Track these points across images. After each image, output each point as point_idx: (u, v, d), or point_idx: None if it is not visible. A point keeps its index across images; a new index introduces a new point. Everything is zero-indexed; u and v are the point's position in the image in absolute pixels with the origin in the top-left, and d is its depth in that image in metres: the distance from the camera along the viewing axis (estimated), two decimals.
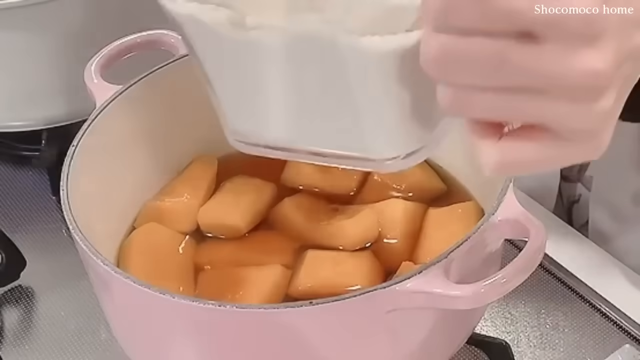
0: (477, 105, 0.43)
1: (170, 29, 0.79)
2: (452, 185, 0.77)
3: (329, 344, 0.59)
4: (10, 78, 0.87)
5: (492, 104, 0.43)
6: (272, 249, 0.72)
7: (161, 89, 0.75)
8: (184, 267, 0.71)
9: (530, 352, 0.74)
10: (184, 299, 0.58)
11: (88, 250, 0.61)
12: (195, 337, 0.60)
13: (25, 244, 0.83)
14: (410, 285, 0.57)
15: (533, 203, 0.86)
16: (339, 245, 0.71)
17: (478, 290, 0.57)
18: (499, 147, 0.44)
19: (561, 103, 0.42)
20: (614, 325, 0.75)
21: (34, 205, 0.90)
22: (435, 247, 0.68)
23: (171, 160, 0.78)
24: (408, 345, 0.61)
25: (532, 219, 0.60)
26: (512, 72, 0.41)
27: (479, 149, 0.45)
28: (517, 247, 0.79)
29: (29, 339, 0.78)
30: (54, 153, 0.90)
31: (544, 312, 0.77)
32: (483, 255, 0.62)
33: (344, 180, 0.77)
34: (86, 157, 0.69)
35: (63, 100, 0.88)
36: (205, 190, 0.76)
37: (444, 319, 0.61)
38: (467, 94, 0.43)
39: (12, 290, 0.82)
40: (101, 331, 0.78)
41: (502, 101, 0.42)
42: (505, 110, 0.43)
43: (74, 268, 0.76)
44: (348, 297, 0.57)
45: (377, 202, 0.74)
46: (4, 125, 0.90)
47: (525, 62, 0.41)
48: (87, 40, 0.80)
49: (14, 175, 0.94)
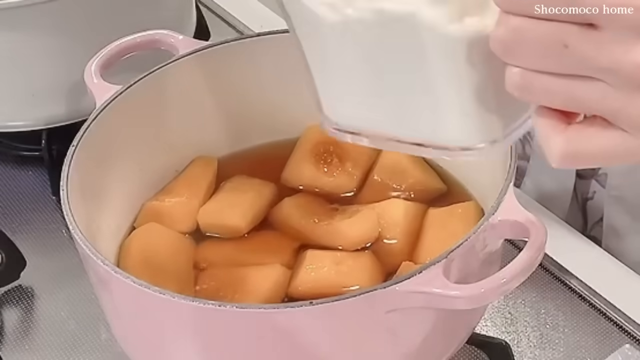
0: (540, 89, 0.45)
1: (170, 28, 0.79)
2: (452, 185, 0.77)
3: (329, 344, 0.59)
4: (10, 78, 0.87)
5: (554, 87, 0.45)
6: (272, 249, 0.72)
7: (161, 89, 0.75)
8: (183, 267, 0.71)
9: (530, 352, 0.74)
10: (184, 299, 0.58)
11: (88, 250, 0.61)
12: (195, 337, 0.60)
13: (25, 244, 0.83)
14: (410, 285, 0.57)
15: (533, 203, 0.86)
16: (339, 245, 0.71)
17: (478, 291, 0.57)
18: (565, 136, 0.46)
19: (618, 94, 0.44)
20: (614, 325, 0.75)
21: (34, 205, 0.90)
22: (435, 247, 0.68)
23: (171, 160, 0.78)
24: (408, 345, 0.61)
25: (532, 219, 0.60)
26: (572, 57, 0.44)
27: (546, 137, 0.47)
28: (517, 247, 0.79)
29: (29, 339, 0.78)
30: (54, 153, 0.90)
31: (544, 312, 0.77)
32: (483, 255, 0.62)
33: (344, 180, 0.77)
34: (86, 157, 0.69)
35: (63, 100, 0.88)
36: (205, 190, 0.76)
37: (444, 319, 0.61)
38: (531, 76, 0.45)
39: (12, 290, 0.82)
40: (101, 331, 0.78)
41: (562, 86, 0.45)
42: (566, 96, 0.45)
43: (74, 268, 0.76)
44: (348, 297, 0.57)
45: (377, 202, 0.74)
46: (4, 125, 0.90)
47: (584, 49, 0.43)
48: (87, 40, 0.80)
49: (14, 175, 0.94)
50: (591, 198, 0.88)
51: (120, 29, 0.78)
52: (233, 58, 0.77)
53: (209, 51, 0.76)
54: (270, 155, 0.80)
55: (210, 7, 1.11)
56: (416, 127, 0.54)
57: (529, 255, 0.58)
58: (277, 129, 0.81)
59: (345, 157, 0.78)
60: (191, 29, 0.97)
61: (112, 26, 0.84)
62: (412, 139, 0.55)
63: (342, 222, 0.72)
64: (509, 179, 0.63)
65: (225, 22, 1.09)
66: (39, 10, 0.82)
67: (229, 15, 1.10)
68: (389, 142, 0.56)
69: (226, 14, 1.10)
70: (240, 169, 0.78)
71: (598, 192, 0.87)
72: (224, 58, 0.77)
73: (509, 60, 0.46)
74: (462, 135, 0.53)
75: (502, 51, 0.46)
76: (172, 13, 0.94)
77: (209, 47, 0.77)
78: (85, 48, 0.77)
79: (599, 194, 0.87)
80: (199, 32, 1.00)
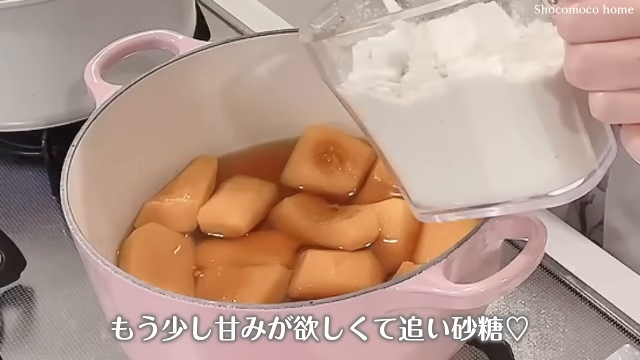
0: (627, 107, 0.46)
1: (170, 28, 0.79)
2: None
3: (329, 344, 0.59)
4: (11, 78, 0.87)
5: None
6: (272, 249, 0.72)
7: (161, 89, 0.75)
8: (183, 267, 0.71)
9: (530, 352, 0.74)
10: (184, 299, 0.58)
11: (88, 250, 0.61)
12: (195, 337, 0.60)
13: (25, 244, 0.83)
14: (410, 285, 0.57)
15: None
16: (339, 245, 0.71)
17: (478, 290, 0.57)
18: None
19: None
20: (614, 325, 0.75)
21: (34, 205, 0.90)
22: (435, 247, 0.68)
23: (171, 160, 0.78)
24: (408, 345, 0.61)
25: (532, 219, 0.60)
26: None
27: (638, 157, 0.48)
28: (517, 247, 0.79)
29: (29, 339, 0.78)
30: (54, 153, 0.90)
31: (544, 312, 0.77)
32: (483, 255, 0.62)
33: (344, 180, 0.77)
34: (86, 157, 0.69)
35: (63, 100, 0.88)
36: (205, 190, 0.76)
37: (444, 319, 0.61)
38: (615, 97, 0.46)
39: (12, 290, 0.82)
40: (101, 331, 0.78)
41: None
42: None
43: (74, 268, 0.76)
44: (348, 297, 0.57)
45: (377, 202, 0.74)
46: (4, 125, 0.90)
47: None
48: (87, 40, 0.80)
49: (14, 175, 0.94)
50: (590, 202, 0.88)
51: (120, 29, 0.78)
52: (233, 58, 0.77)
53: (209, 51, 0.76)
54: (270, 155, 0.80)
55: (210, 7, 1.11)
56: (510, 185, 0.55)
57: (529, 256, 0.58)
58: (277, 129, 0.81)
59: (345, 157, 0.78)
60: (191, 29, 0.97)
61: (112, 26, 0.84)
62: (506, 198, 0.55)
63: (342, 222, 0.72)
64: None
65: (225, 22, 1.09)
66: (39, 10, 0.82)
67: (229, 15, 1.10)
68: (480, 210, 0.57)
69: (226, 14, 1.10)
70: (240, 169, 0.78)
71: (597, 195, 0.87)
72: (224, 58, 0.77)
73: (590, 86, 0.46)
74: (560, 178, 0.53)
75: (580, 80, 0.46)
76: (172, 13, 0.94)
77: (209, 47, 0.77)
78: (85, 48, 0.77)
79: (598, 197, 0.87)
80: (199, 32, 1.00)
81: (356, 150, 0.78)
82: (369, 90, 0.54)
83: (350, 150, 0.78)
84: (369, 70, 0.54)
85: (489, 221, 0.60)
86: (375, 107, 0.55)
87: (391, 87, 0.53)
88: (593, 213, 0.89)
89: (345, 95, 0.56)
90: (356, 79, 0.55)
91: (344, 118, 0.82)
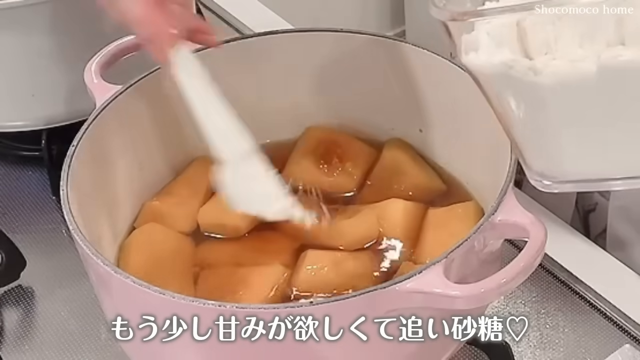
0: None
1: None
2: (452, 185, 0.77)
3: (329, 344, 0.59)
4: (11, 78, 0.87)
5: None
6: (272, 249, 0.72)
7: (161, 89, 0.75)
8: (183, 267, 0.71)
9: (530, 352, 0.74)
10: (184, 299, 0.58)
11: (88, 250, 0.61)
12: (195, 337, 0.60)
13: (25, 244, 0.83)
14: (410, 285, 0.57)
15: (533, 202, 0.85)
16: (339, 245, 0.71)
17: (478, 291, 0.57)
18: None
19: None
20: (614, 325, 0.75)
21: (34, 205, 0.90)
22: (435, 247, 0.68)
23: (171, 160, 0.78)
24: (408, 345, 0.61)
25: (532, 219, 0.60)
26: None
27: None
28: (517, 247, 0.79)
29: (29, 339, 0.78)
30: (54, 153, 0.90)
31: (544, 312, 0.77)
32: (483, 255, 0.62)
33: (344, 180, 0.77)
34: (86, 157, 0.69)
35: (63, 100, 0.88)
36: (205, 190, 0.76)
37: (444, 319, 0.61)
38: None
39: (12, 290, 0.82)
40: (101, 331, 0.78)
41: None
42: None
43: (74, 268, 0.76)
44: (348, 297, 0.57)
45: (377, 202, 0.74)
46: (4, 125, 0.90)
47: None
48: (87, 40, 0.80)
49: (14, 175, 0.94)
50: (593, 210, 0.88)
51: (120, 29, 0.78)
52: (233, 58, 0.77)
53: (209, 51, 0.76)
54: (270, 155, 0.80)
55: (210, 7, 1.11)
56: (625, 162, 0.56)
57: (529, 255, 0.58)
58: (277, 129, 0.80)
59: (345, 157, 0.78)
60: None
61: (112, 26, 0.83)
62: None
63: (342, 222, 0.72)
64: (509, 179, 0.63)
65: (225, 22, 1.09)
66: (39, 10, 0.82)
67: (229, 15, 1.10)
68: (604, 182, 0.58)
69: (226, 14, 1.10)
70: None
71: (600, 204, 0.87)
72: (224, 58, 0.77)
73: None
74: None
75: None
76: None
77: (209, 47, 0.76)
78: (85, 48, 0.77)
79: (602, 205, 0.87)
80: None
81: (356, 150, 0.78)
82: (508, 68, 0.54)
83: (350, 150, 0.78)
84: (502, 49, 0.55)
85: (489, 221, 0.60)
86: (510, 83, 0.55)
87: (528, 65, 0.54)
88: (597, 221, 0.89)
89: (477, 70, 0.57)
90: (488, 57, 0.55)
91: (344, 118, 0.82)
